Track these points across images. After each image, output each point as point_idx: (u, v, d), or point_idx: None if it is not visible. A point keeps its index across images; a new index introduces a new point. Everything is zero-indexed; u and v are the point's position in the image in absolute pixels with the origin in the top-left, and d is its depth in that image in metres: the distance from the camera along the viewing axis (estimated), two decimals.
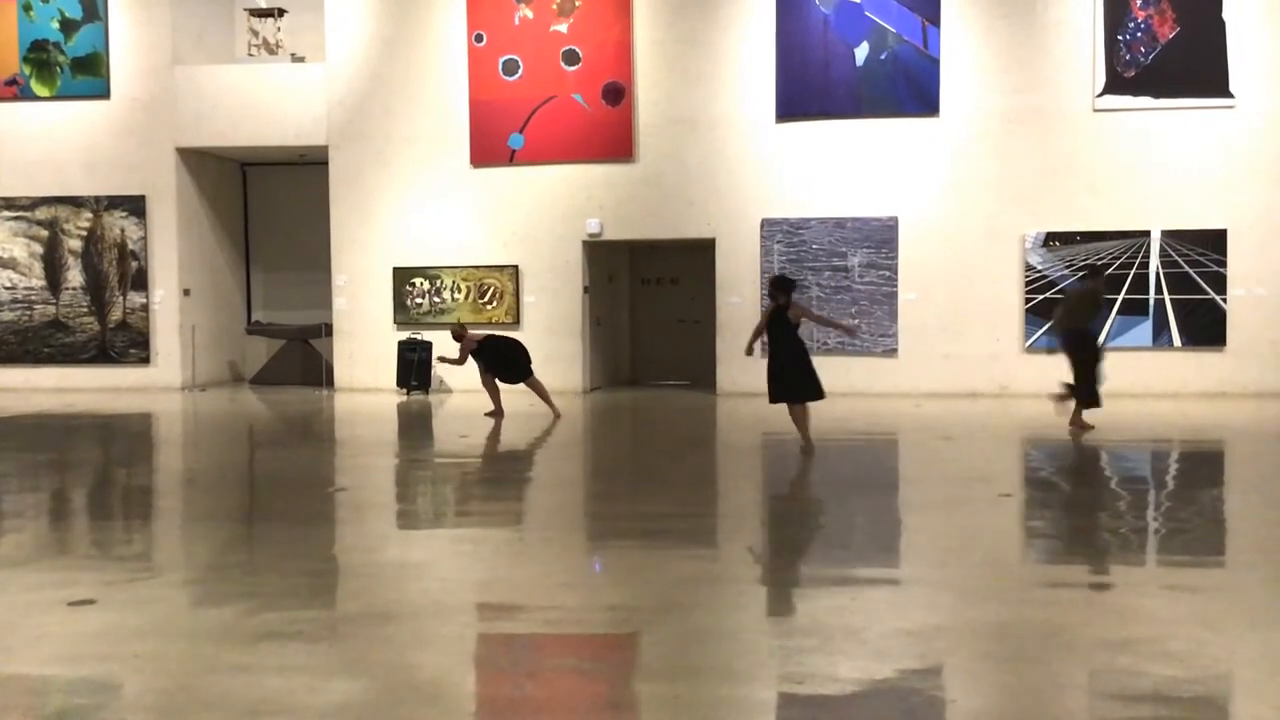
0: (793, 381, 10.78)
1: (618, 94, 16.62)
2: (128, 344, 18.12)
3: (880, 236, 16.08)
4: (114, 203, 18.00)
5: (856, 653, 4.92)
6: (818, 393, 10.84)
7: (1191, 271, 15.57)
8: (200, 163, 18.54)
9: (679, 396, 16.77)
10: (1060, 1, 15.81)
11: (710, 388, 16.74)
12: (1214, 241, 15.49)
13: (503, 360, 13.97)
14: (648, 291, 18.86)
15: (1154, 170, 15.68)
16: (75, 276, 18.18)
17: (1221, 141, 15.53)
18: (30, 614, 5.62)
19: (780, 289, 10.92)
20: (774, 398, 11.01)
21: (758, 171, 16.42)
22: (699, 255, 17.09)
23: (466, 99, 17.03)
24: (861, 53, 16.06)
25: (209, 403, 16.52)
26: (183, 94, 17.87)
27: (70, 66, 17.97)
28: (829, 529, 7.93)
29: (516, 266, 17.02)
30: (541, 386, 14.04)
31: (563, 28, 16.72)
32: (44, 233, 18.17)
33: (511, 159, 16.95)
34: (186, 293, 18.22)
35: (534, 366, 14.21)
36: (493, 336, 14.32)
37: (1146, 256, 15.62)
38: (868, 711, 4.36)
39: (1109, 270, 15.50)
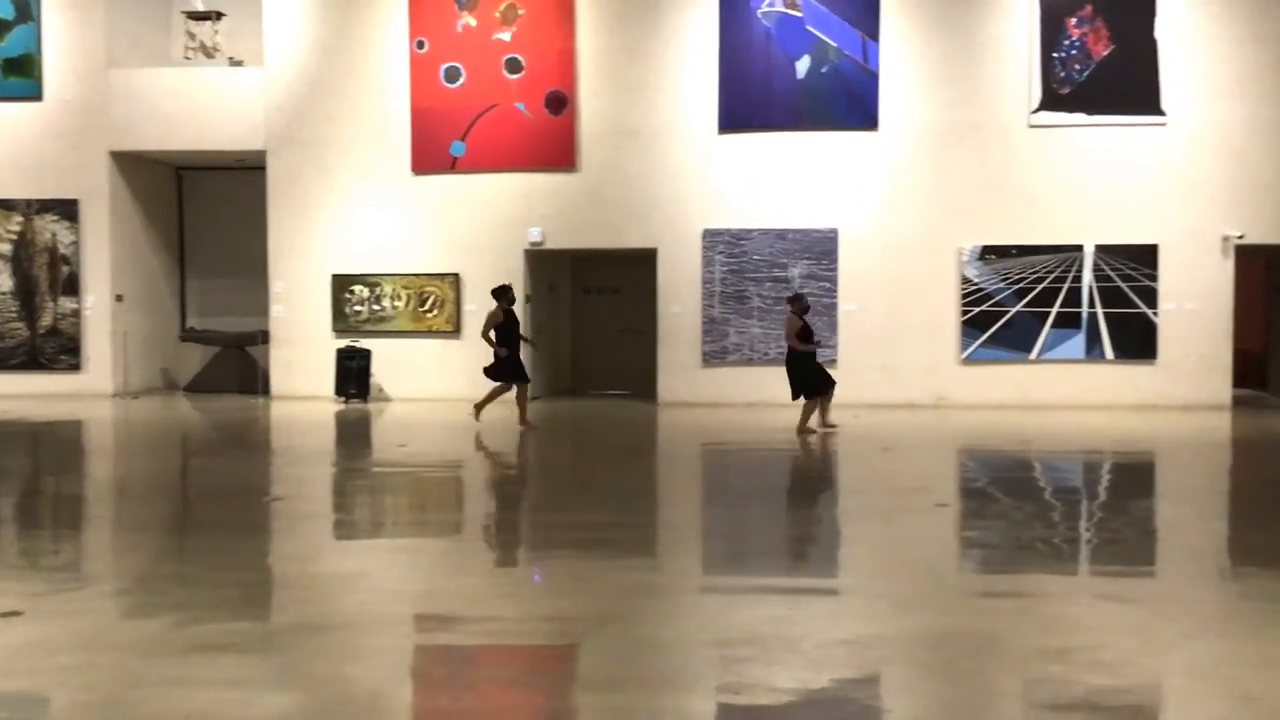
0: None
1: (560, 103, 16.61)
2: (58, 350, 17.78)
3: (820, 248, 16.21)
4: (45, 206, 17.68)
5: (794, 663, 4.94)
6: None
7: (1124, 286, 15.86)
8: (134, 167, 18.26)
9: (620, 406, 16.77)
10: (996, 18, 16.06)
11: (651, 397, 16.76)
12: (1146, 256, 15.80)
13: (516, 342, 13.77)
14: (589, 301, 18.85)
15: (1087, 186, 15.96)
16: (4, 281, 17.83)
17: (1153, 158, 15.85)
18: None
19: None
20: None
21: (699, 182, 16.48)
22: (641, 265, 17.12)
23: (408, 106, 16.93)
24: (803, 66, 16.20)
25: (141, 410, 16.25)
26: (117, 97, 17.61)
27: (2, 67, 17.63)
28: (768, 539, 7.95)
29: (457, 275, 16.94)
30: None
31: (505, 36, 16.69)
32: None
33: (453, 167, 16.88)
34: (119, 298, 17.93)
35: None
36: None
37: (1080, 270, 15.88)
38: None
39: (1044, 283, 15.81)
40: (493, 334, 13.53)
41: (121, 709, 4.42)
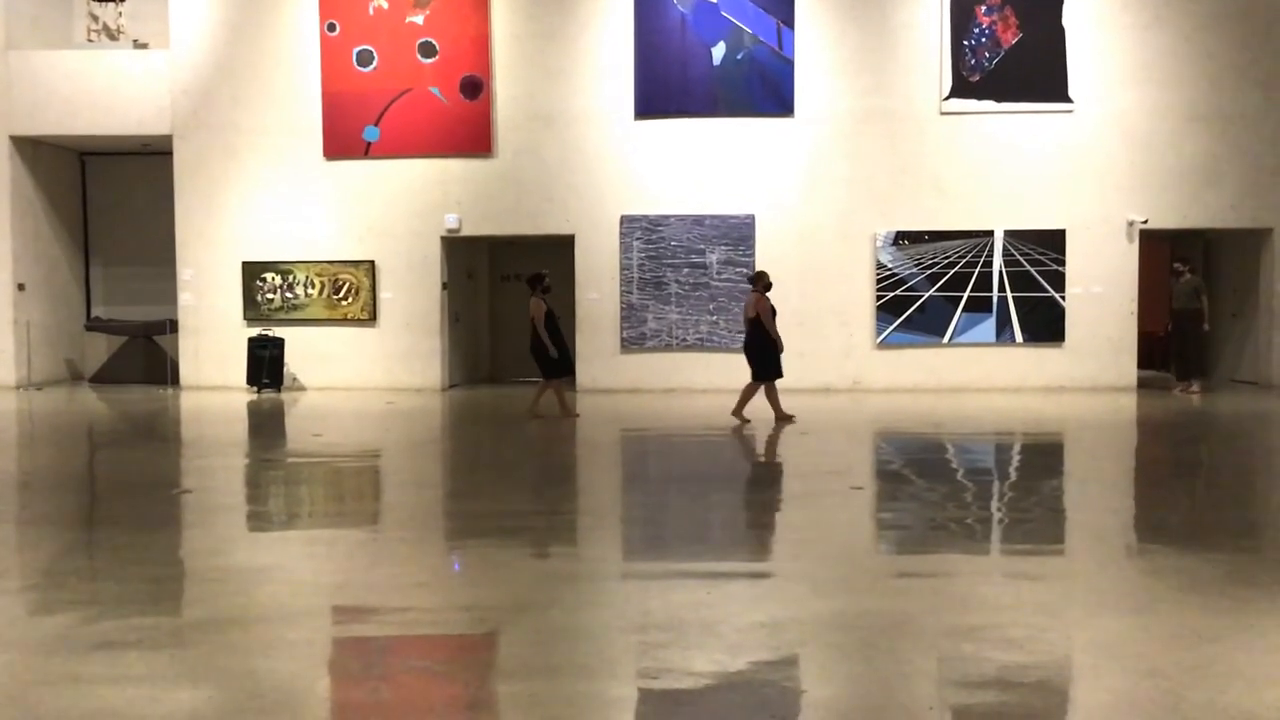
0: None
1: (475, 88, 16.46)
2: None
3: (738, 234, 16.29)
4: None
5: (712, 646, 4.96)
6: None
7: (1033, 270, 16.16)
8: (35, 152, 17.73)
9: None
10: (909, 6, 16.24)
11: (569, 384, 16.69)
12: (1053, 241, 16.12)
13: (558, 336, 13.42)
14: (507, 288, 18.73)
15: (997, 172, 16.23)
16: None
17: (1060, 145, 16.16)
18: None
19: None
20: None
21: (617, 168, 16.46)
22: (558, 251, 17.04)
23: (319, 90, 16.66)
24: (718, 52, 16.23)
25: (45, 402, 15.81)
26: (17, 80, 17.08)
27: None
28: (687, 524, 7.98)
29: (373, 262, 16.72)
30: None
31: (419, 19, 16.48)
32: None
33: (367, 152, 16.64)
34: (21, 287, 17.41)
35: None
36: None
37: (990, 255, 16.16)
38: (722, 705, 4.40)
39: (955, 268, 16.07)
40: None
41: (22, 708, 4.30)
